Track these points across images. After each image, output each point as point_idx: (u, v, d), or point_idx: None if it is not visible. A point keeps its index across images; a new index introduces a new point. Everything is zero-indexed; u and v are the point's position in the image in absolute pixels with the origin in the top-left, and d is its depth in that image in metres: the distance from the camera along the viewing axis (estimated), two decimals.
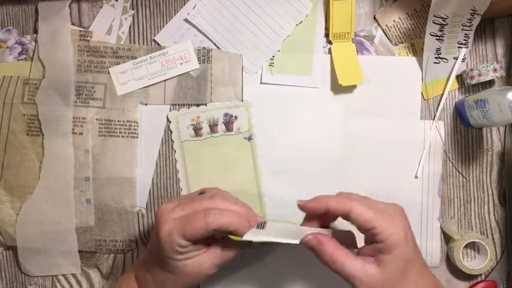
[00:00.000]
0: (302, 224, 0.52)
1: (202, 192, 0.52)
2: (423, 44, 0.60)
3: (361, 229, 0.46)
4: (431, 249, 0.62)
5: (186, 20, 0.61)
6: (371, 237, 0.45)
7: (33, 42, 0.61)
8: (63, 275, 0.62)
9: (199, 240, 0.48)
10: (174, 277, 0.49)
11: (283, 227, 0.50)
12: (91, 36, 0.61)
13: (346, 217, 0.46)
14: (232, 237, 0.48)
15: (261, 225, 0.49)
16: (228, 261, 0.50)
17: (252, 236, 0.47)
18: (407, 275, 0.45)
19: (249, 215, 0.49)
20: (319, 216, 0.50)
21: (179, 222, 0.47)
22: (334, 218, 0.51)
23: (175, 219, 0.47)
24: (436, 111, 0.62)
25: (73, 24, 0.61)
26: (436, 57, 0.61)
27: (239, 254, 0.50)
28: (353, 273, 0.44)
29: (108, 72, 0.61)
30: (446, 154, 0.63)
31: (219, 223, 0.46)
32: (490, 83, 0.63)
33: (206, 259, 0.48)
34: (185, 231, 0.46)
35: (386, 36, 0.63)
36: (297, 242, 0.47)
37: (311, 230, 0.49)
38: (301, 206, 0.49)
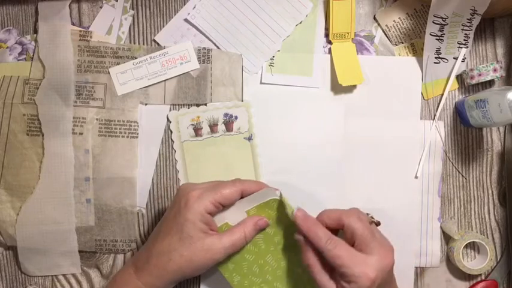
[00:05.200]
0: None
1: None
2: (423, 44, 0.60)
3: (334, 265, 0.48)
4: (431, 249, 0.62)
5: (186, 20, 0.61)
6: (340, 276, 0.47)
7: (33, 42, 0.61)
8: (63, 275, 0.62)
9: (214, 224, 0.52)
10: (183, 249, 0.49)
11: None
12: (91, 36, 0.61)
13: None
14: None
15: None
16: (235, 249, 0.51)
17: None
18: None
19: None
20: None
21: (208, 189, 0.51)
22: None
23: (204, 187, 0.51)
24: (436, 111, 0.62)
25: (73, 24, 0.61)
26: (436, 57, 0.61)
27: (247, 244, 0.52)
28: (322, 284, 0.48)
29: (108, 72, 0.61)
30: (446, 154, 0.63)
31: (246, 187, 0.52)
32: (490, 83, 0.63)
33: (217, 241, 0.50)
34: (215, 195, 0.50)
35: (387, 36, 0.63)
36: None
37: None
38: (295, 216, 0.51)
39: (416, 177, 0.62)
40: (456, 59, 0.61)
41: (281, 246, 0.54)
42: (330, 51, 0.62)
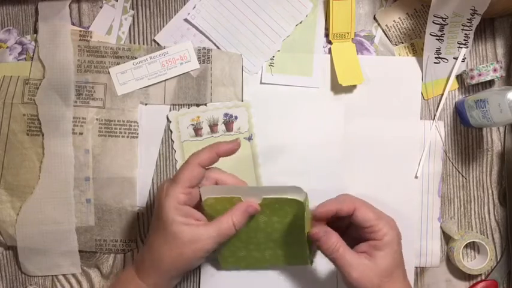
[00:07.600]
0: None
1: None
2: (423, 44, 0.60)
3: (362, 226, 0.51)
4: (431, 249, 0.62)
5: (186, 20, 0.62)
6: (369, 235, 0.51)
7: (33, 42, 0.61)
8: (63, 275, 0.62)
9: (197, 213, 0.51)
10: (170, 245, 0.49)
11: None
12: (91, 36, 0.61)
13: (351, 216, 0.52)
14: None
15: None
16: (225, 238, 0.50)
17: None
18: (394, 275, 0.50)
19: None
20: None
21: (172, 181, 0.51)
22: (338, 218, 0.53)
23: (169, 181, 0.51)
24: (436, 111, 0.62)
25: (73, 24, 0.61)
26: (436, 57, 0.61)
27: (236, 232, 0.51)
28: (351, 261, 0.49)
29: (108, 72, 0.61)
30: (446, 154, 0.63)
31: (202, 156, 0.51)
32: (490, 83, 0.63)
33: (203, 231, 0.50)
34: (179, 184, 0.50)
35: (387, 36, 0.63)
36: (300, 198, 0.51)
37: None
38: (313, 213, 0.53)
39: (416, 177, 0.62)
40: (456, 59, 0.61)
41: (279, 234, 0.54)
42: (330, 51, 0.62)
